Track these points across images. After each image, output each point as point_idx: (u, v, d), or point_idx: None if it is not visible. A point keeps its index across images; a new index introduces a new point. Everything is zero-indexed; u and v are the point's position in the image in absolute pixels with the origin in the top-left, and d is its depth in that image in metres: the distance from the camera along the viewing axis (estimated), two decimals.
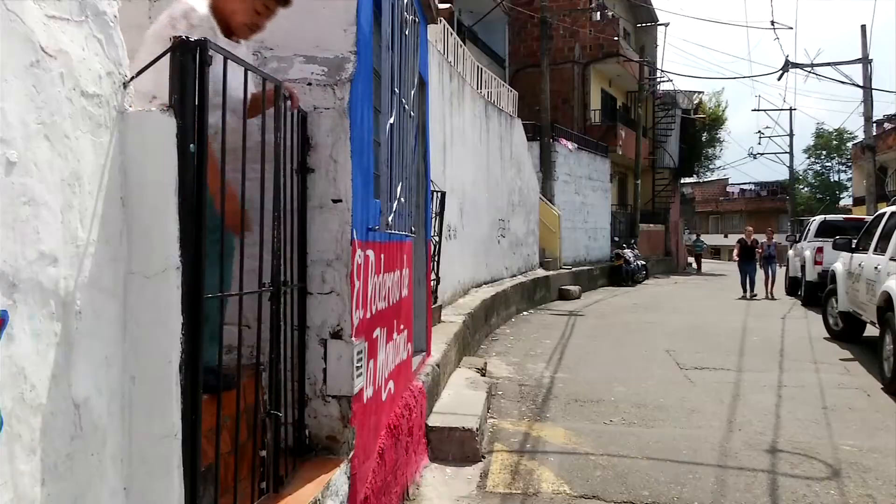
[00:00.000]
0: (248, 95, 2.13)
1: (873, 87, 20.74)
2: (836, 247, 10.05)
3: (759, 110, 53.20)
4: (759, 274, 16.82)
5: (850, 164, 42.22)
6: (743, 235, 16.85)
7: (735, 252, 17.06)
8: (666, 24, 33.33)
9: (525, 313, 12.69)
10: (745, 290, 16.26)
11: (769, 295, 16.35)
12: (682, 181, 33.55)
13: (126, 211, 1.66)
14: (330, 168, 2.85)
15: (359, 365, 2.93)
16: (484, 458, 4.65)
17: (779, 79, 58.51)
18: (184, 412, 1.69)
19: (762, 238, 17.66)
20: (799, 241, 16.22)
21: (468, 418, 4.80)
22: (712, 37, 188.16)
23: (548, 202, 17.86)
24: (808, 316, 12.64)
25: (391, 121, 3.28)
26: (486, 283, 11.81)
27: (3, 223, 1.24)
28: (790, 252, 17.40)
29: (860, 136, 26.68)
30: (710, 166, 35.36)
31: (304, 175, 2.81)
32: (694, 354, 8.60)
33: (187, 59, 1.70)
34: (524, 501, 4.00)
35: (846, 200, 45.11)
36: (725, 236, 55.24)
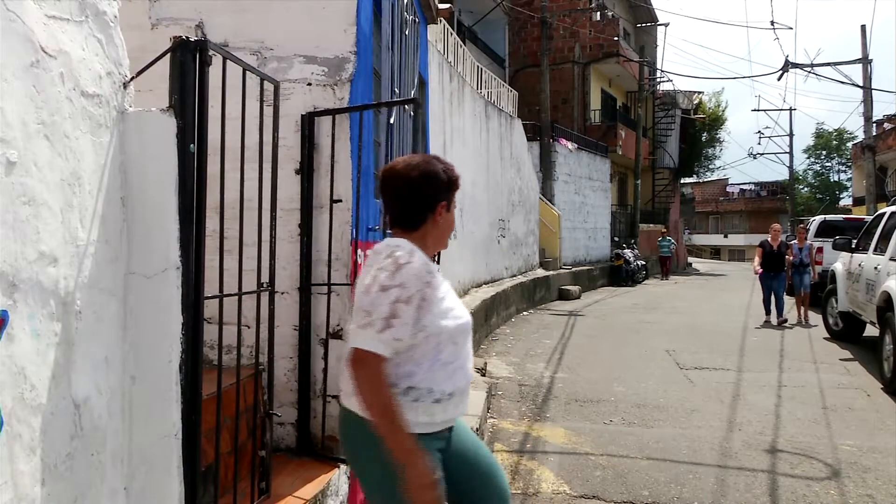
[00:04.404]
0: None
1: (873, 87, 20.75)
2: (836, 247, 10.05)
3: (759, 110, 53.28)
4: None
5: (850, 164, 42.20)
6: (767, 237, 11.51)
7: (755, 261, 11.58)
8: (666, 24, 33.29)
9: (525, 313, 12.69)
10: (768, 313, 11.35)
11: (803, 319, 11.43)
12: (682, 181, 33.51)
13: (126, 211, 1.66)
14: (330, 168, 2.85)
15: None
16: None
17: (779, 79, 58.57)
18: (184, 412, 1.70)
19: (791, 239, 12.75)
20: None
21: (468, 418, 4.80)
22: (712, 37, 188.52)
23: (548, 202, 17.86)
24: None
25: (391, 121, 3.28)
26: (486, 283, 11.81)
27: (3, 223, 1.24)
28: None
29: (860, 136, 26.67)
30: (710, 166, 35.32)
31: (309, 175, 2.81)
32: (694, 354, 8.60)
33: (187, 59, 1.70)
34: (524, 501, 4.00)
35: (846, 200, 45.09)
36: (725, 236, 55.27)
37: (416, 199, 1.83)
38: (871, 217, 10.11)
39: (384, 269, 1.71)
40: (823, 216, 16.32)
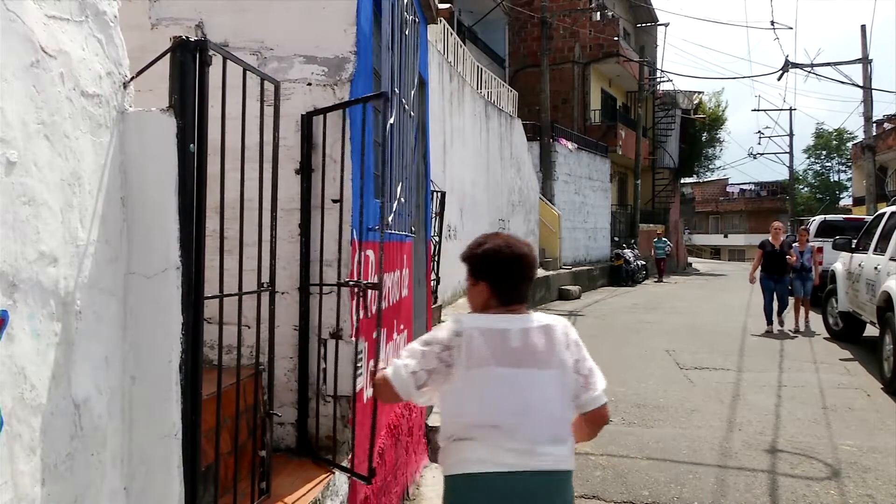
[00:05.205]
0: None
1: (873, 87, 20.75)
2: (836, 247, 10.06)
3: (759, 110, 53.35)
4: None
5: (850, 164, 42.20)
6: (767, 237, 10.49)
7: (754, 264, 10.75)
8: (666, 24, 33.35)
9: None
10: (770, 322, 10.38)
11: (802, 325, 10.62)
12: (682, 181, 33.50)
13: (126, 211, 1.66)
14: (330, 168, 2.85)
15: (359, 365, 2.92)
16: None
17: (779, 79, 58.60)
18: (184, 412, 1.69)
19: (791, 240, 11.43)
20: None
21: None
22: (712, 37, 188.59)
23: (548, 202, 17.86)
24: (809, 311, 12.62)
25: (391, 121, 3.28)
26: None
27: (3, 223, 1.24)
28: None
29: (860, 136, 26.66)
30: (710, 166, 35.34)
31: (308, 175, 2.81)
32: (694, 354, 8.60)
33: (187, 58, 1.70)
34: None
35: (846, 200, 45.07)
36: (725, 236, 55.28)
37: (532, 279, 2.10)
38: (871, 217, 10.11)
39: (578, 338, 2.02)
40: (823, 216, 16.32)
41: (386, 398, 2.02)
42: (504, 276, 2.00)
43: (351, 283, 2.85)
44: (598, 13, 23.28)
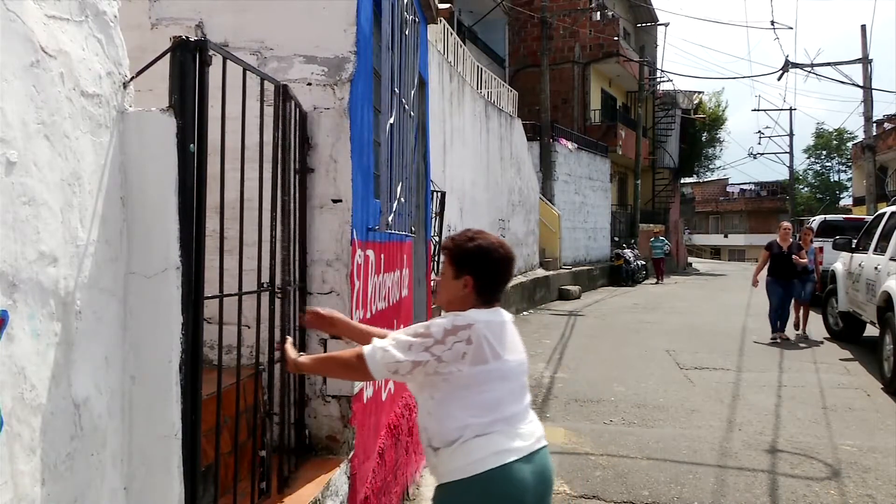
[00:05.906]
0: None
1: (873, 87, 20.73)
2: (836, 247, 10.05)
3: (759, 110, 53.28)
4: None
5: (850, 164, 42.20)
6: (775, 238, 9.84)
7: (758, 266, 10.09)
8: (666, 24, 33.38)
9: (525, 313, 12.69)
10: (775, 329, 9.64)
11: (801, 331, 10.10)
12: (682, 181, 33.49)
13: (126, 211, 1.66)
14: (330, 168, 2.85)
15: None
16: None
17: (779, 79, 58.62)
18: (184, 412, 1.69)
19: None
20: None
21: None
22: (712, 37, 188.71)
23: (548, 202, 17.86)
24: (808, 316, 12.62)
25: (391, 121, 3.28)
26: None
27: (3, 223, 1.24)
28: None
29: (860, 136, 26.66)
30: (710, 166, 35.34)
31: (305, 175, 2.81)
32: (694, 354, 8.60)
33: (187, 58, 1.70)
34: None
35: (846, 200, 45.08)
36: (725, 236, 55.28)
37: None
38: (871, 217, 10.10)
39: None
40: (823, 216, 16.31)
41: (349, 377, 2.09)
42: (493, 274, 2.07)
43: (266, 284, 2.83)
44: (598, 13, 23.27)
